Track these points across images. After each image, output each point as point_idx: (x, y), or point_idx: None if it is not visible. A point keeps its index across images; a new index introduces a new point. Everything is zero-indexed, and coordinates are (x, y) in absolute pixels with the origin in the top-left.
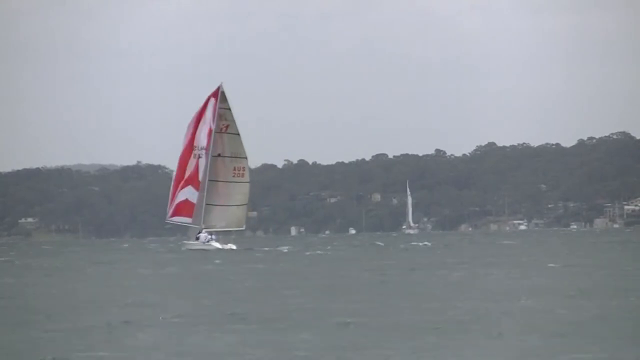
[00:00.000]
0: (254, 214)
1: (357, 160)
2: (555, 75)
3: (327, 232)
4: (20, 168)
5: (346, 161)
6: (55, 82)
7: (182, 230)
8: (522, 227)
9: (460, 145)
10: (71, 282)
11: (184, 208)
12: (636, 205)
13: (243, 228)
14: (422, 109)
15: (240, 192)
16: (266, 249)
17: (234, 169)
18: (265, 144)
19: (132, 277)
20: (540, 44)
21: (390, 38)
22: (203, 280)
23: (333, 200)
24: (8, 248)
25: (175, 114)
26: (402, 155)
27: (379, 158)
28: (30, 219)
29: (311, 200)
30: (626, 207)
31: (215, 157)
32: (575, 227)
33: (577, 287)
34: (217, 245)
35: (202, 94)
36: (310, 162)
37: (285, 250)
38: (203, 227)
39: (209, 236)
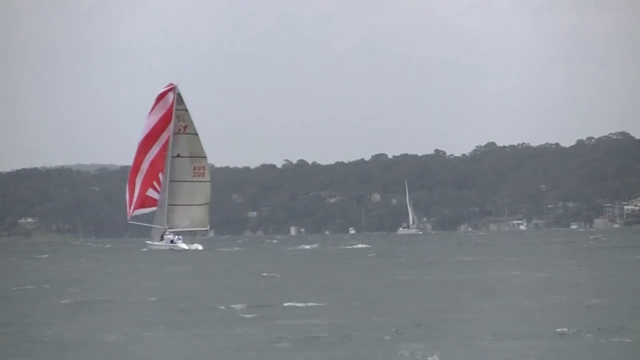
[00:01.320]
0: (254, 214)
1: (357, 160)
2: (555, 75)
3: (327, 232)
4: (20, 168)
5: (346, 161)
6: (55, 82)
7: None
8: (522, 227)
9: (460, 145)
10: None
11: (148, 201)
12: (636, 205)
13: (207, 228)
14: (422, 109)
15: (201, 191)
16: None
17: (194, 169)
18: (265, 144)
19: None
20: (540, 44)
21: (390, 38)
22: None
23: (333, 200)
24: None
25: None
26: (401, 155)
27: (379, 158)
28: (30, 219)
29: (311, 200)
30: (626, 207)
31: (175, 157)
32: (575, 227)
33: None
34: (184, 245)
35: (202, 93)
36: (310, 162)
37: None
38: (167, 227)
39: (175, 236)
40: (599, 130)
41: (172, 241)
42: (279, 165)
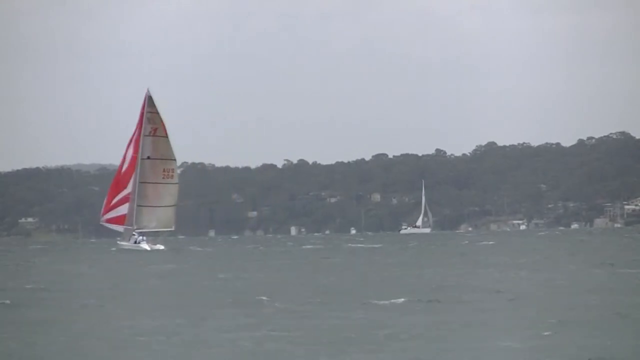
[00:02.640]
0: (254, 213)
1: (357, 160)
2: (555, 75)
3: (327, 232)
4: (20, 168)
5: (346, 161)
6: (55, 82)
7: (181, 231)
8: (522, 227)
9: (460, 145)
10: None
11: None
12: (636, 205)
13: (172, 229)
14: (422, 109)
15: (169, 193)
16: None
17: (163, 171)
18: (265, 144)
19: None
20: (540, 44)
21: (390, 38)
22: None
23: (333, 200)
24: None
25: (175, 114)
26: (402, 155)
27: (379, 158)
28: (30, 219)
29: (311, 200)
30: (626, 206)
31: (145, 159)
32: (576, 226)
33: None
34: (146, 246)
35: (202, 94)
36: (310, 162)
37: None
38: (135, 227)
39: (140, 237)
40: (599, 130)
41: (136, 241)
42: (279, 165)
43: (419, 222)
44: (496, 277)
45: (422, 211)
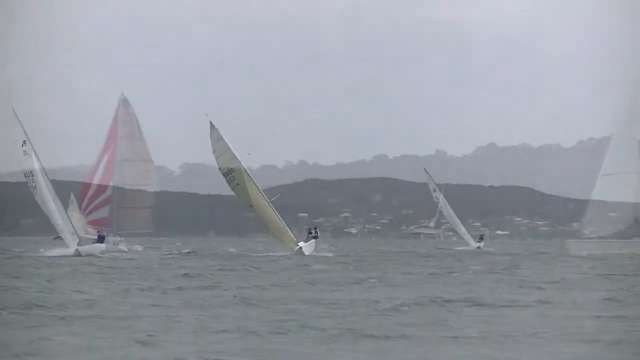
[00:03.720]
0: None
1: (358, 161)
2: (556, 75)
3: (326, 232)
4: (19, 168)
5: (346, 162)
6: (55, 81)
7: (181, 231)
8: (522, 228)
9: (460, 146)
10: None
11: (102, 222)
12: None
13: (150, 231)
14: (423, 109)
15: (147, 194)
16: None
17: (141, 172)
18: (265, 144)
19: None
20: (540, 43)
21: (390, 39)
22: None
23: (333, 200)
24: None
25: (175, 114)
26: (402, 156)
27: (379, 158)
28: (30, 220)
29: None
30: None
31: (122, 161)
32: (576, 227)
33: None
34: (124, 247)
35: (202, 94)
36: (311, 163)
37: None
38: (115, 230)
39: (117, 238)
40: (598, 130)
41: (115, 243)
42: (279, 166)
43: (432, 223)
44: None
45: (438, 213)
